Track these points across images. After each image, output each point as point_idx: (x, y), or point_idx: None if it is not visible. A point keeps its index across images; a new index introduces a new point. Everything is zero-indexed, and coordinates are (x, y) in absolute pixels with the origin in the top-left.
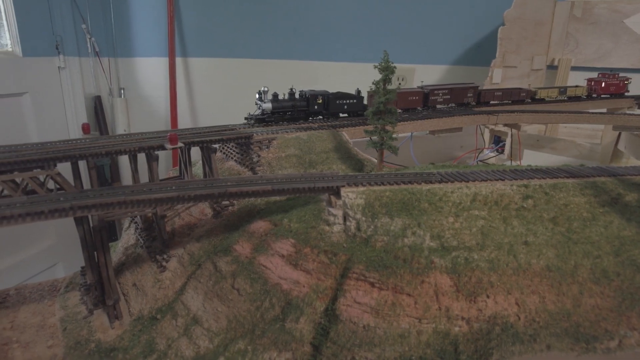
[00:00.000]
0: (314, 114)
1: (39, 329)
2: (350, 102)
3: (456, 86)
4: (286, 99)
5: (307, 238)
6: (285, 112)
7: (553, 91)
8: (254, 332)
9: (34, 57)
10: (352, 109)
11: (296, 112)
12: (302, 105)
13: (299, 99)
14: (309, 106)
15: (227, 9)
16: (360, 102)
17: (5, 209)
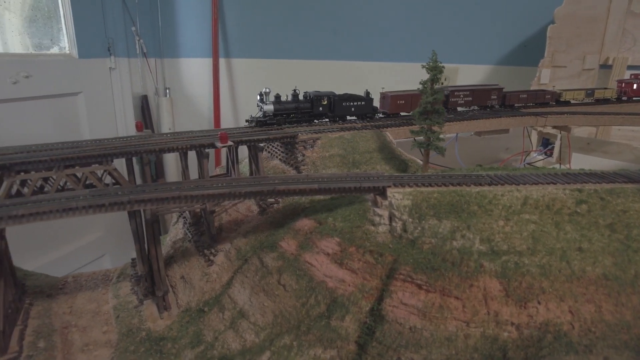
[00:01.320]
0: (319, 116)
1: (94, 315)
2: (358, 104)
3: (478, 87)
4: (289, 101)
5: (352, 237)
6: (288, 114)
7: (579, 93)
8: (300, 328)
9: (88, 58)
10: (360, 112)
11: (300, 114)
12: (306, 107)
13: (303, 100)
14: (313, 108)
15: (270, 10)
16: (369, 104)
17: (72, 202)
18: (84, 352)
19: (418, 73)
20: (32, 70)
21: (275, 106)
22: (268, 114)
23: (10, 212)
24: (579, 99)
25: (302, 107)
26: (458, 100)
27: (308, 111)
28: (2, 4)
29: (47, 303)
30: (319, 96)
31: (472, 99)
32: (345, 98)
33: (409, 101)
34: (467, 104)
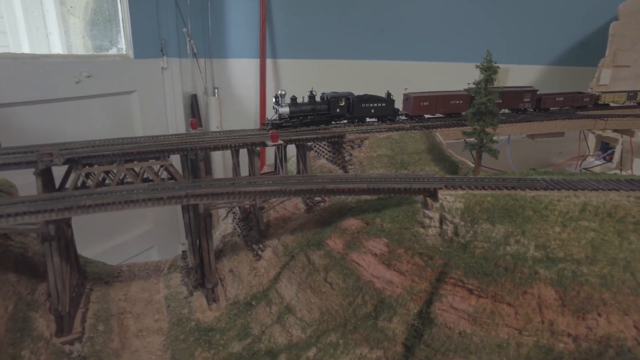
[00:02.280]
0: (336, 117)
1: (147, 304)
2: (378, 105)
3: (509, 89)
4: (305, 103)
5: (400, 239)
6: (304, 116)
7: (620, 95)
8: (346, 326)
9: (143, 58)
10: (380, 113)
11: (316, 116)
12: (323, 109)
13: (320, 102)
14: (330, 109)
15: (316, 10)
16: (390, 106)
17: (133, 194)
18: (138, 337)
19: (467, 73)
20: (93, 71)
21: (290, 108)
22: (283, 116)
23: (79, 202)
24: (619, 102)
25: (318, 108)
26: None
27: (325, 113)
28: (69, 9)
29: (105, 289)
30: (336, 97)
31: (502, 101)
32: (365, 99)
33: (434, 103)
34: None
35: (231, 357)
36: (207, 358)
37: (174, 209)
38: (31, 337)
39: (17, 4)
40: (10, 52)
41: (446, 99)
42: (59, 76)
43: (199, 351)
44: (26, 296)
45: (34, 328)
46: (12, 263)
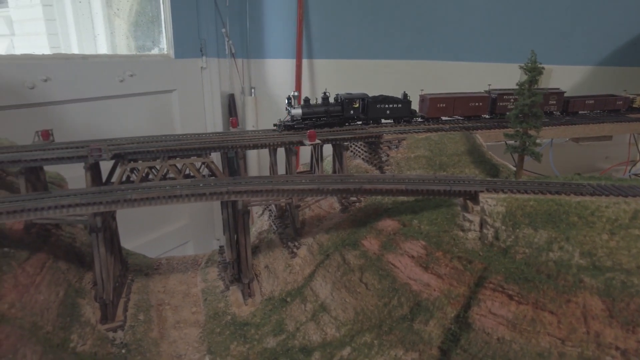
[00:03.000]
0: (350, 119)
1: (184, 296)
2: (393, 106)
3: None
4: (318, 104)
5: (439, 242)
6: (318, 117)
7: None
8: (381, 327)
9: (183, 58)
10: (396, 115)
11: (330, 118)
12: (337, 111)
13: (333, 103)
14: (344, 111)
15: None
16: (406, 107)
17: (176, 189)
18: (175, 328)
19: (506, 74)
20: (136, 70)
21: (303, 110)
22: (296, 117)
23: (126, 196)
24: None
25: (332, 110)
26: (508, 105)
27: (339, 114)
28: (115, 11)
29: (145, 281)
30: (350, 99)
31: None
32: (380, 100)
33: (451, 105)
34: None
35: (265, 352)
36: (242, 352)
37: (209, 206)
38: (79, 323)
39: (69, 8)
40: (62, 53)
41: (464, 101)
42: (104, 75)
43: (234, 345)
44: (75, 283)
45: (82, 314)
46: (62, 252)
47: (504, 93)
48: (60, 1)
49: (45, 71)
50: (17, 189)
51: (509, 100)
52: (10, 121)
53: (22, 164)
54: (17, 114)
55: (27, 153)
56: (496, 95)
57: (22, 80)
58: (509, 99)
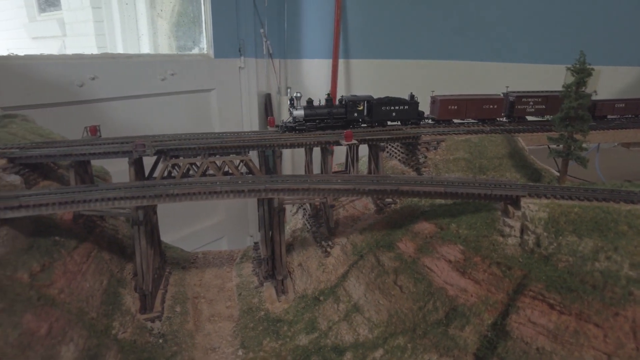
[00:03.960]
0: (354, 121)
1: (219, 290)
2: (400, 108)
3: (553, 94)
4: (322, 106)
5: (477, 247)
6: (321, 119)
7: None
8: (415, 331)
9: (222, 58)
10: (402, 117)
11: (333, 120)
12: (340, 113)
13: (337, 105)
14: (347, 113)
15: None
16: (413, 109)
17: (216, 186)
18: (210, 321)
19: (548, 75)
20: (177, 69)
21: (306, 111)
22: (298, 119)
23: (168, 190)
24: None
25: (335, 112)
26: (526, 108)
27: (342, 117)
28: (158, 12)
29: (182, 274)
30: (353, 101)
31: (546, 107)
32: (385, 102)
33: (463, 107)
34: (539, 113)
35: (298, 349)
36: (275, 348)
37: (244, 203)
38: (120, 311)
39: (116, 9)
40: (109, 53)
41: (478, 103)
42: (147, 74)
43: (267, 340)
44: (116, 273)
45: (123, 303)
46: (106, 242)
47: (523, 95)
48: (108, 3)
49: (93, 70)
50: (66, 181)
51: (527, 103)
52: (61, 117)
53: (72, 158)
54: (67, 111)
55: (76, 147)
56: (514, 97)
57: (72, 79)
58: (528, 101)
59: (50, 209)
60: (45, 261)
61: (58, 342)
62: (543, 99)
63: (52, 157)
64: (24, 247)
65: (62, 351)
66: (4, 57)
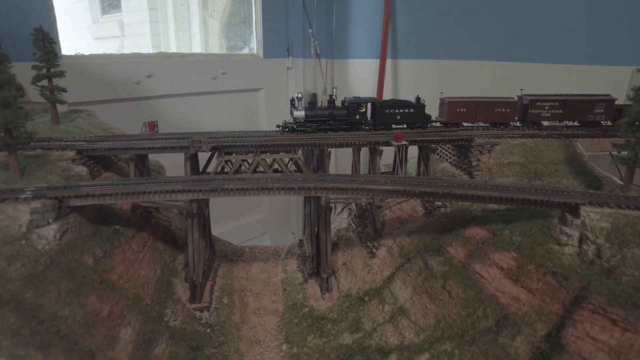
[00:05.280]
0: (356, 124)
1: (265, 285)
2: (405, 111)
3: (572, 98)
4: (323, 107)
5: (531, 254)
6: (323, 121)
7: None
8: (463, 337)
9: (271, 58)
10: (408, 120)
11: (335, 122)
12: (342, 114)
13: (339, 107)
14: (349, 115)
15: (442, 9)
16: (419, 112)
17: (268, 182)
18: (256, 315)
19: (612, 77)
20: (227, 68)
21: (307, 112)
22: (298, 120)
23: (223, 185)
24: None
25: (337, 114)
26: (541, 113)
27: (344, 119)
28: (211, 13)
29: (229, 266)
30: (355, 102)
31: (564, 111)
32: (389, 105)
33: (473, 110)
34: (555, 118)
35: (341, 348)
36: (318, 345)
37: (287, 201)
38: (172, 300)
39: (171, 10)
40: (164, 52)
41: (489, 106)
42: (199, 73)
43: (311, 337)
44: (169, 263)
45: (174, 292)
46: (160, 233)
47: (537, 99)
48: (164, 5)
49: (149, 68)
50: (126, 174)
51: (542, 107)
52: (119, 112)
53: (132, 151)
54: (125, 107)
55: (136, 142)
56: (528, 101)
57: (130, 77)
58: (544, 105)
59: (113, 199)
60: (107, 248)
61: (118, 324)
62: (560, 103)
63: (115, 150)
64: (88, 234)
65: (121, 333)
66: (72, 56)
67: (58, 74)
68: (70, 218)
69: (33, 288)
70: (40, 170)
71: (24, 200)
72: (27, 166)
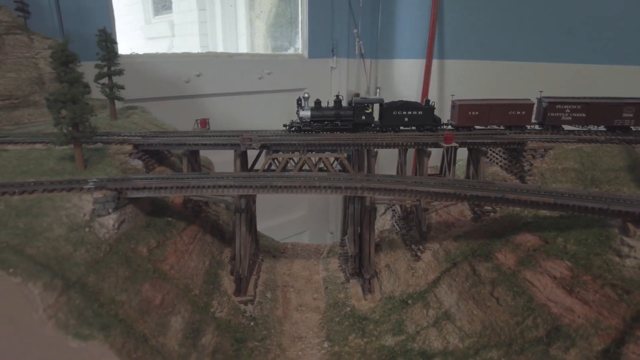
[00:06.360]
0: (362, 124)
1: (307, 282)
2: (413, 113)
3: (596, 101)
4: (329, 107)
5: (587, 265)
6: (329, 121)
7: None
8: (511, 346)
9: (316, 58)
10: (416, 122)
11: (340, 122)
12: (348, 115)
13: (346, 107)
14: (355, 116)
15: (493, 8)
16: (428, 114)
17: (316, 181)
18: (298, 311)
19: None
20: (273, 68)
21: (312, 112)
22: (304, 120)
23: (272, 182)
24: None
25: (342, 114)
26: (561, 116)
27: (350, 119)
28: (258, 14)
29: (272, 262)
30: (361, 103)
31: (587, 115)
32: (397, 106)
33: (486, 112)
34: (578, 122)
35: (383, 349)
36: (360, 345)
37: (326, 200)
38: (219, 291)
39: (219, 11)
40: (212, 52)
41: (502, 109)
42: (246, 72)
43: (352, 336)
44: (217, 256)
45: (221, 284)
46: (209, 227)
47: (558, 101)
48: (213, 5)
49: (198, 67)
50: (177, 169)
51: (563, 110)
52: (170, 109)
53: (186, 147)
54: (175, 104)
55: (190, 138)
56: (547, 103)
57: (180, 75)
58: (564, 108)
59: (168, 192)
60: (160, 239)
61: (169, 312)
62: (583, 106)
63: (169, 145)
64: (143, 225)
65: (172, 321)
66: (128, 55)
67: (117, 72)
68: (127, 209)
69: (95, 273)
70: (100, 163)
71: (87, 191)
72: (89, 158)
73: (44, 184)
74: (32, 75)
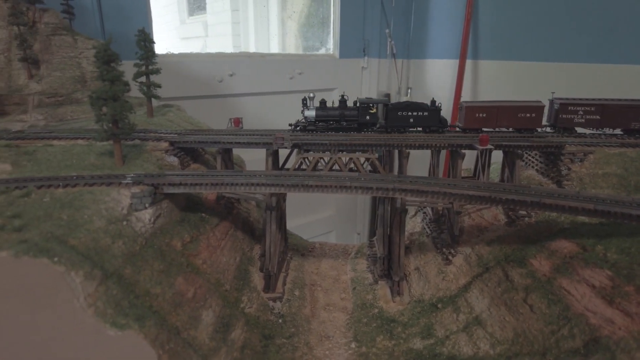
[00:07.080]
0: (367, 125)
1: (334, 281)
2: (418, 114)
3: (612, 103)
4: (334, 107)
5: (630, 275)
6: (334, 120)
7: None
8: (545, 355)
9: (346, 58)
10: (422, 123)
11: (345, 122)
12: (352, 115)
13: (350, 107)
14: (360, 116)
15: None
16: (434, 115)
17: (347, 181)
18: (325, 310)
19: None
20: (304, 68)
21: (317, 112)
22: (309, 119)
23: (304, 181)
24: None
25: (347, 114)
26: (574, 118)
27: (354, 119)
28: (290, 15)
29: (300, 260)
30: (366, 103)
31: (601, 117)
32: (402, 107)
33: (494, 115)
34: (591, 124)
35: (411, 352)
36: (388, 347)
37: (353, 201)
38: (249, 287)
39: (251, 12)
40: (245, 52)
41: (511, 111)
42: (278, 72)
43: (380, 338)
44: (247, 252)
45: (251, 280)
46: (240, 223)
47: (570, 103)
48: (245, 6)
49: (231, 67)
50: (212, 166)
51: (575, 112)
52: (204, 108)
53: (220, 145)
54: (208, 103)
55: (224, 136)
56: (559, 104)
57: (214, 75)
58: (577, 110)
59: (203, 189)
60: (193, 233)
61: (200, 306)
62: (597, 108)
63: (204, 143)
64: (177, 220)
65: (203, 315)
66: (164, 55)
67: (155, 71)
68: (163, 204)
69: (131, 265)
70: (138, 159)
71: (125, 185)
72: (127, 154)
73: (86, 178)
74: (75, 74)
